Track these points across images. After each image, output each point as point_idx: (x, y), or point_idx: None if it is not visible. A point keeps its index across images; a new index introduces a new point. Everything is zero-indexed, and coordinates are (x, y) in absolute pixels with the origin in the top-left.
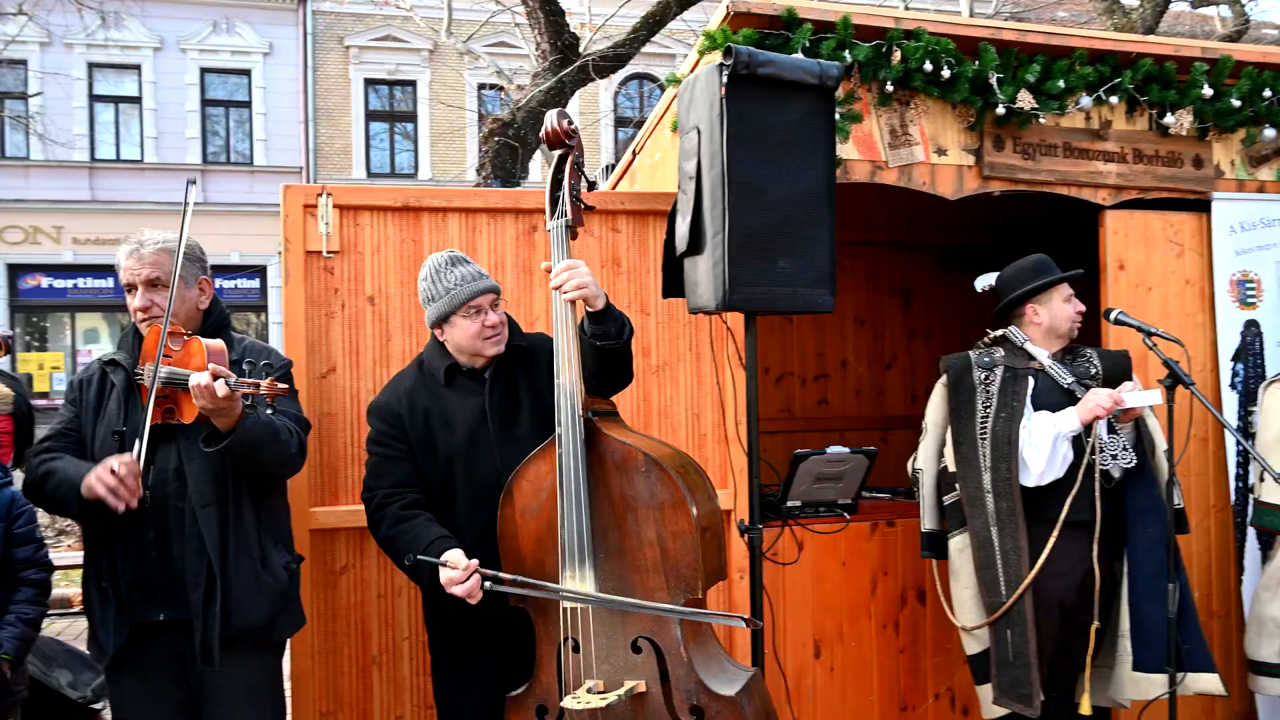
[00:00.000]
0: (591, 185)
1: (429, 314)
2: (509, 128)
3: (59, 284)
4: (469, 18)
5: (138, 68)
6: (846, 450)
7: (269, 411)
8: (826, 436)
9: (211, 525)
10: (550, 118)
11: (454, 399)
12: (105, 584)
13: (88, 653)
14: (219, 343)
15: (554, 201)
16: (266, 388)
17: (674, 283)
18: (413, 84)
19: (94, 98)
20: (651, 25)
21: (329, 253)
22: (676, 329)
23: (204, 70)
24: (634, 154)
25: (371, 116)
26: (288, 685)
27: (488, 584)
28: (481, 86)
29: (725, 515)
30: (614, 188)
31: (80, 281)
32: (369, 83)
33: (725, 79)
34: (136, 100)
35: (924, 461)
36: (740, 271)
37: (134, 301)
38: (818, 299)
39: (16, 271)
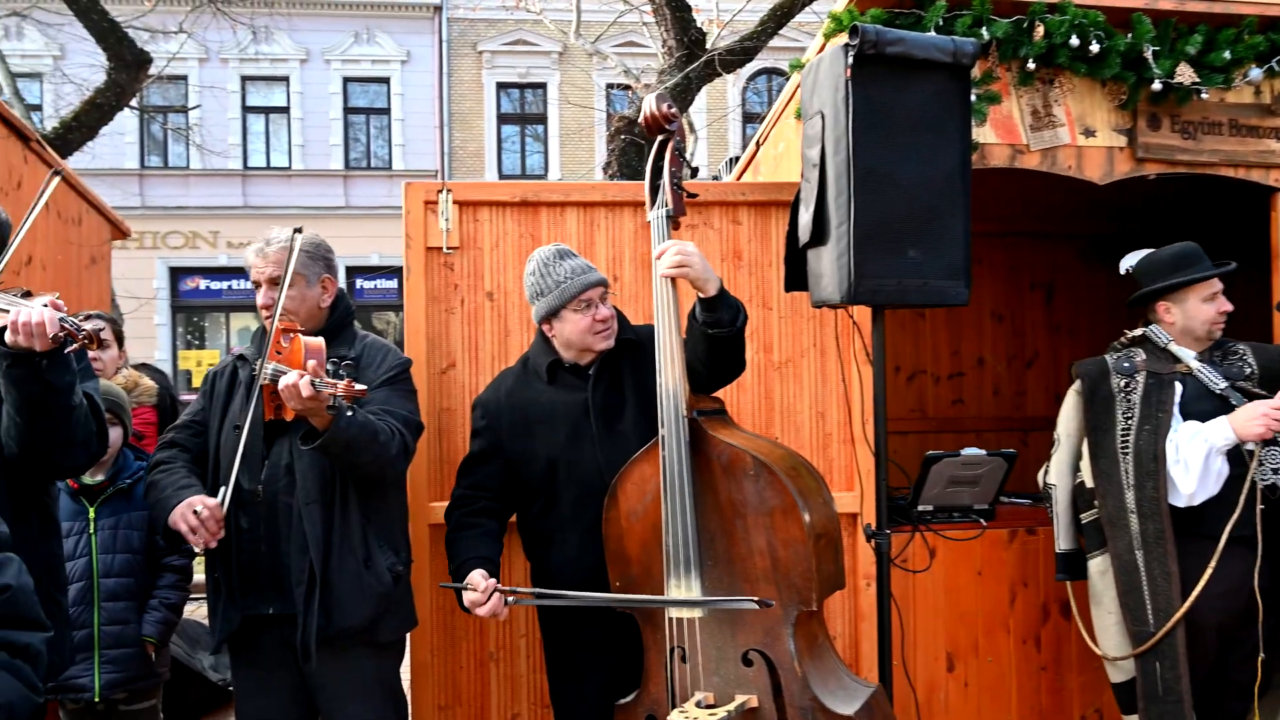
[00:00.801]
0: (694, 172)
1: (537, 309)
2: (635, 125)
3: (215, 285)
4: (597, 18)
5: (286, 79)
6: (983, 452)
7: (349, 412)
8: (961, 438)
9: (315, 523)
10: (648, 102)
11: (556, 396)
12: (217, 574)
13: None
14: (318, 341)
15: (654, 191)
16: (344, 390)
17: (797, 276)
18: (543, 86)
19: (246, 109)
20: (779, 18)
21: (449, 249)
22: (800, 324)
23: (346, 79)
24: (757, 145)
25: (503, 120)
26: (408, 679)
27: (510, 599)
28: (610, 87)
29: (851, 519)
30: (738, 180)
31: (234, 283)
32: (501, 86)
33: (851, 60)
34: (285, 110)
35: (1057, 476)
36: (867, 262)
37: (259, 298)
38: (951, 291)
39: (178, 274)
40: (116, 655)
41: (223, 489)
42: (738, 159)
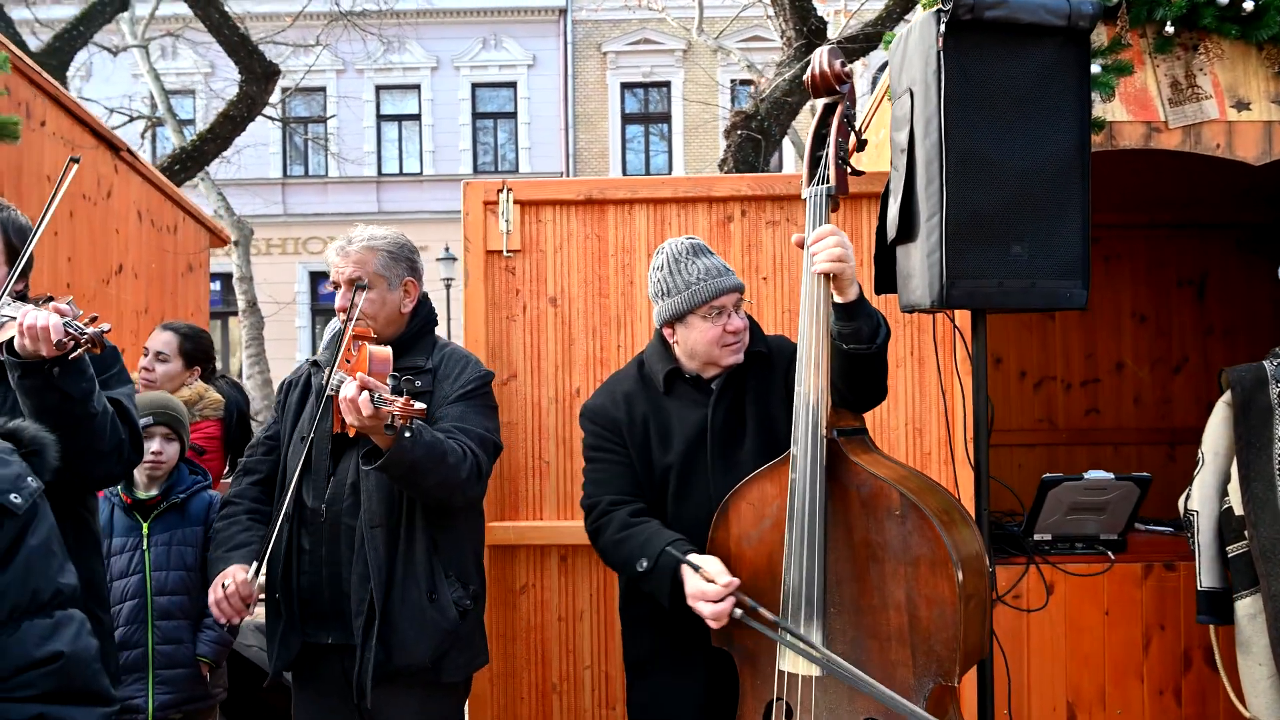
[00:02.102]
0: (862, 144)
1: (661, 309)
2: (752, 120)
3: None
4: (720, 14)
5: (417, 87)
6: (1110, 476)
7: (407, 434)
8: (1096, 451)
9: (378, 549)
10: (820, 56)
11: (673, 410)
12: (277, 595)
13: None
14: (385, 351)
15: (814, 162)
16: (400, 408)
17: (887, 276)
18: (667, 85)
19: (380, 117)
20: (906, 3)
21: (510, 251)
22: (895, 330)
23: (475, 85)
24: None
25: (627, 119)
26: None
27: (738, 612)
28: (734, 83)
29: None
30: None
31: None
32: (625, 86)
33: (943, 27)
34: (416, 117)
35: (1200, 501)
36: (962, 260)
37: (336, 300)
38: (1064, 293)
39: (317, 278)
40: (170, 675)
41: (255, 564)
42: None
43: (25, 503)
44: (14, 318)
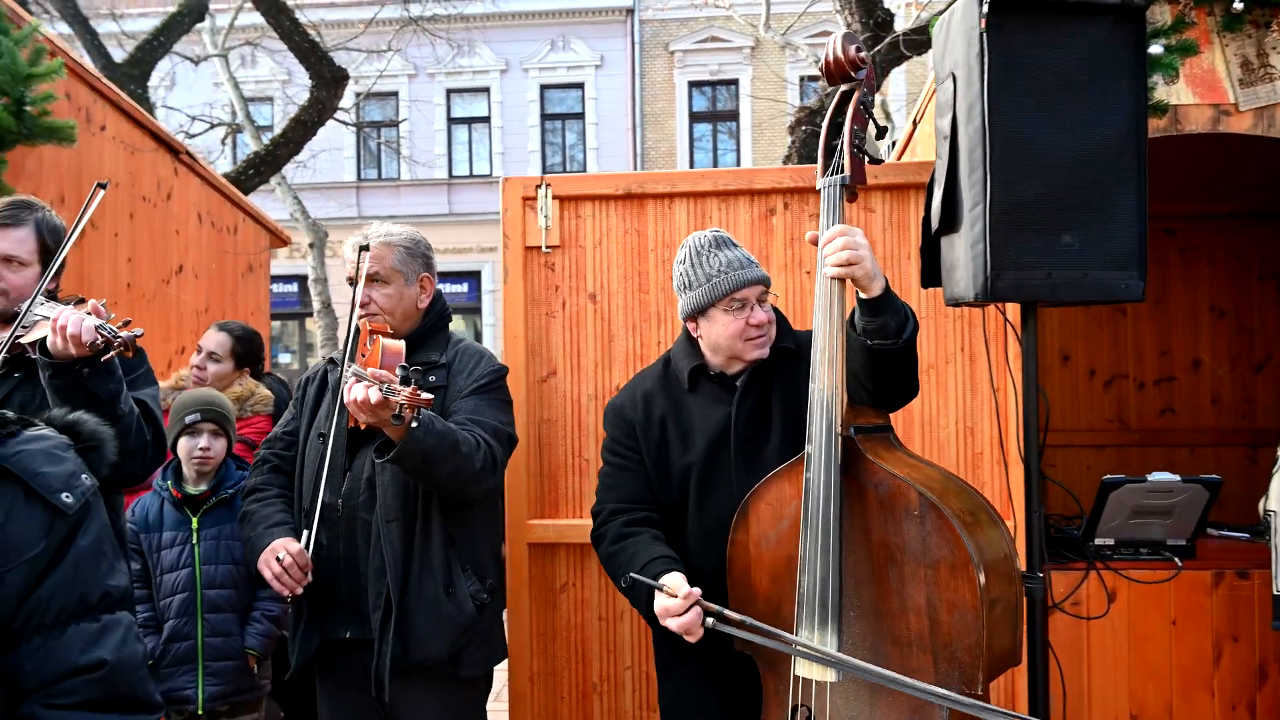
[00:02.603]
0: (881, 131)
1: (684, 303)
2: (817, 115)
3: None
4: (787, 10)
5: (487, 90)
6: (1176, 478)
7: (414, 424)
8: (1172, 453)
9: (394, 543)
10: (834, 43)
11: (696, 407)
12: (299, 591)
13: None
14: (397, 344)
15: (829, 152)
16: (406, 397)
17: (934, 268)
18: (734, 82)
19: (451, 120)
20: None
21: (548, 247)
22: (944, 325)
23: (543, 87)
24: (914, 123)
25: (695, 118)
26: (505, 707)
27: (710, 621)
28: (802, 79)
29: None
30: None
31: (440, 287)
32: (692, 85)
33: (985, 7)
34: (486, 120)
35: (1279, 502)
36: (1008, 251)
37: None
38: (1119, 284)
39: None
40: (219, 667)
41: (305, 533)
42: (895, 142)
43: (77, 502)
44: (48, 317)
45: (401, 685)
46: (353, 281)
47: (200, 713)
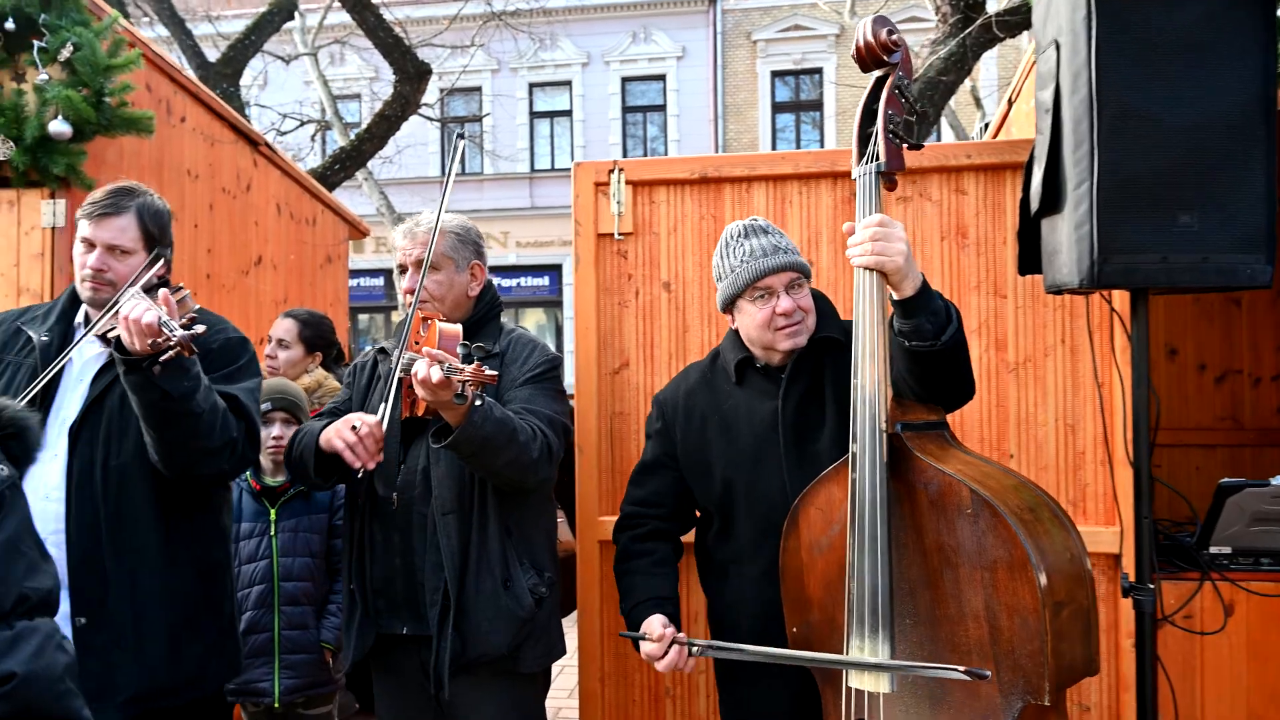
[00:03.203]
0: (919, 116)
1: (718, 295)
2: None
3: (506, 283)
4: None
5: (569, 83)
6: None
7: (479, 403)
8: None
9: (451, 536)
10: (864, 26)
11: (742, 401)
12: (354, 586)
13: None
14: (454, 328)
15: (864, 140)
16: (471, 373)
17: (1032, 254)
18: (819, 71)
19: (533, 114)
20: None
21: (621, 234)
22: (1043, 314)
23: (624, 79)
24: (1009, 103)
25: (778, 108)
26: (574, 708)
27: (694, 650)
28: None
29: (1111, 561)
30: None
31: (522, 280)
32: (775, 74)
33: None
34: (568, 113)
35: None
36: (1117, 233)
37: (403, 283)
38: (1244, 269)
39: None
40: (295, 660)
41: (383, 406)
42: (988, 124)
43: None
44: (118, 305)
45: (460, 682)
46: (403, 269)
47: (276, 705)
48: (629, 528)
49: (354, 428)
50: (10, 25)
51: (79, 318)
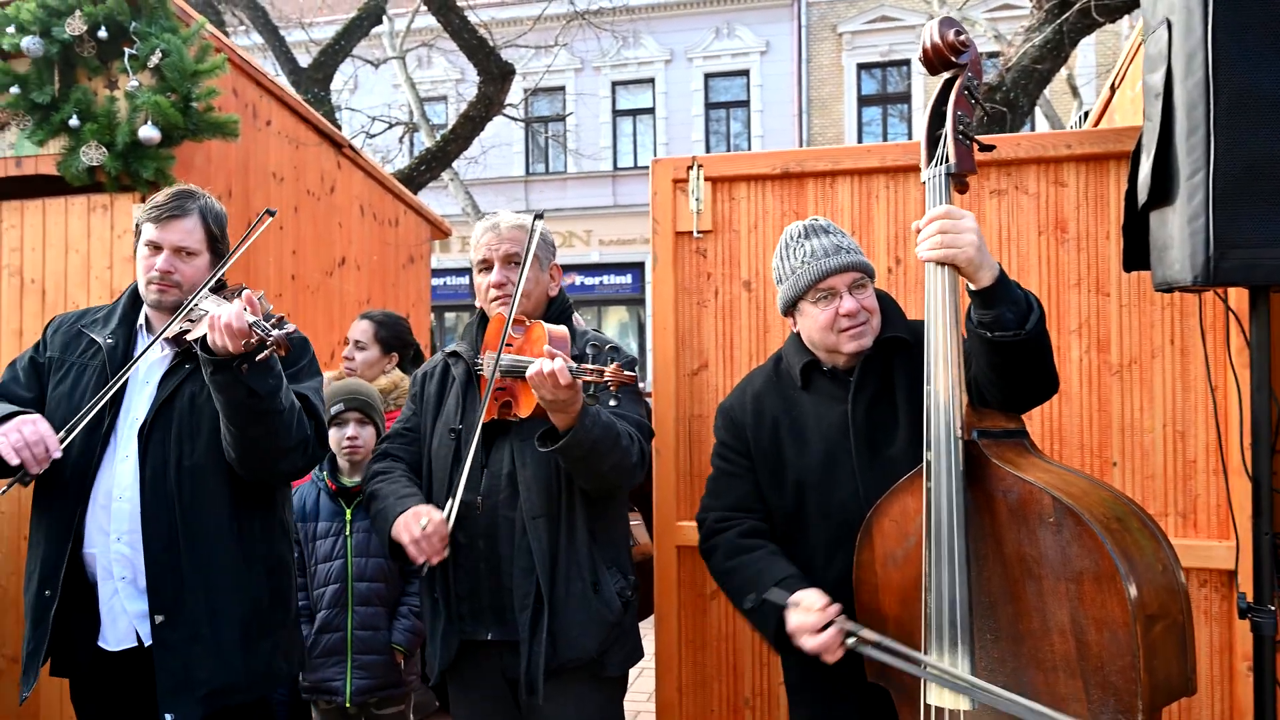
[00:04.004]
0: (987, 115)
1: (778, 298)
2: (996, 92)
3: (589, 281)
4: None
5: (651, 81)
6: None
7: (612, 404)
8: None
9: (541, 540)
10: (931, 28)
11: (810, 406)
12: (437, 594)
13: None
14: (562, 329)
15: (933, 142)
16: (612, 374)
17: (1139, 249)
18: (906, 63)
19: (616, 112)
20: None
21: (700, 232)
22: (1150, 313)
23: (707, 75)
24: (1112, 89)
25: (864, 101)
26: (652, 713)
27: (850, 641)
28: (982, 55)
29: (1226, 578)
30: None
31: (605, 279)
32: (861, 67)
33: None
34: (650, 111)
35: None
36: (1235, 225)
37: (489, 278)
38: None
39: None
40: (367, 661)
41: (450, 501)
42: (1087, 113)
43: None
44: (208, 312)
45: (547, 686)
46: (487, 265)
47: (348, 705)
48: (726, 528)
49: (422, 525)
50: (103, 33)
51: (140, 320)
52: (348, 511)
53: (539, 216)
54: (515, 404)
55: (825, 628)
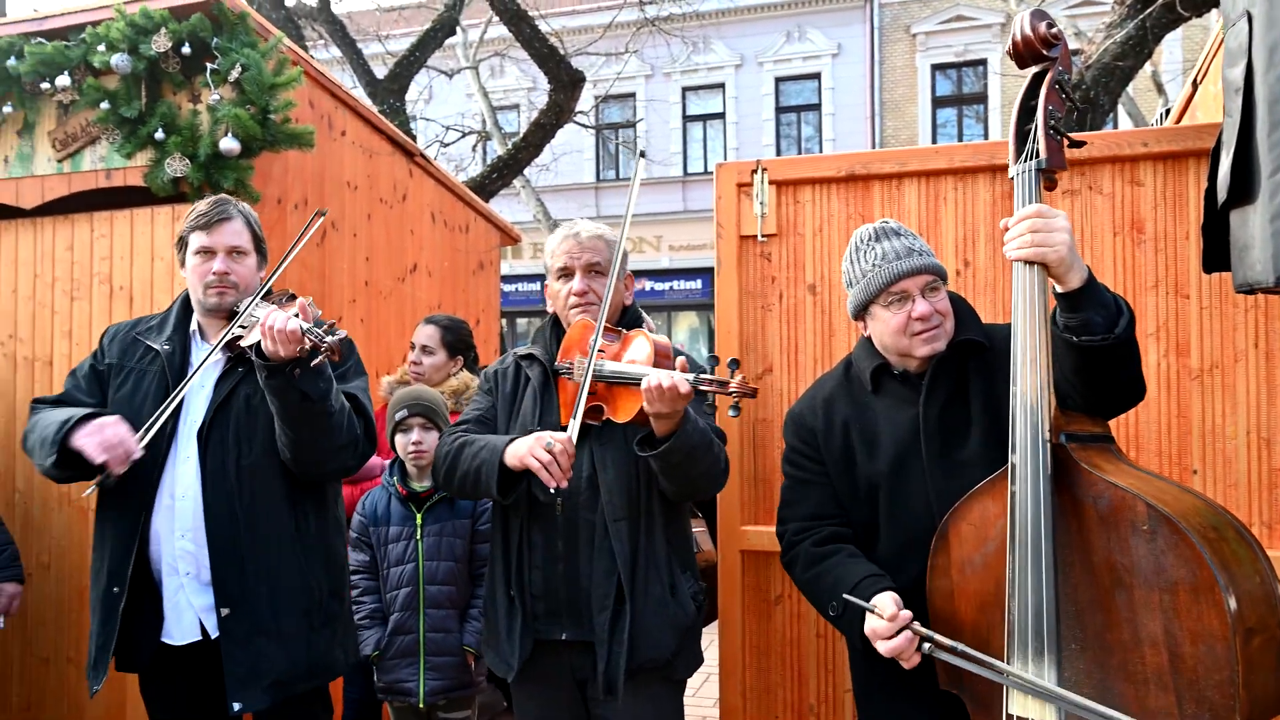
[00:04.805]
0: (1077, 111)
1: (848, 302)
2: (1076, 90)
3: (659, 286)
4: None
5: (721, 86)
6: None
7: (732, 411)
8: None
9: (623, 542)
10: (1021, 21)
11: (881, 410)
12: (513, 593)
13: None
14: (666, 339)
15: (1022, 138)
16: (738, 386)
17: (1219, 249)
18: (982, 63)
19: (686, 118)
20: None
21: (764, 236)
22: (1233, 315)
23: (778, 79)
24: (1194, 85)
25: (938, 102)
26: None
27: (926, 646)
28: None
29: None
30: None
31: (675, 284)
32: (936, 68)
33: None
34: (720, 116)
35: None
36: None
37: (570, 285)
38: None
39: None
40: (440, 663)
41: (572, 423)
42: (1169, 110)
43: None
44: (259, 319)
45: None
46: (567, 273)
47: (421, 705)
48: (805, 538)
49: (547, 446)
50: (187, 50)
51: (192, 327)
52: (418, 516)
53: (643, 154)
54: (611, 409)
55: (898, 634)
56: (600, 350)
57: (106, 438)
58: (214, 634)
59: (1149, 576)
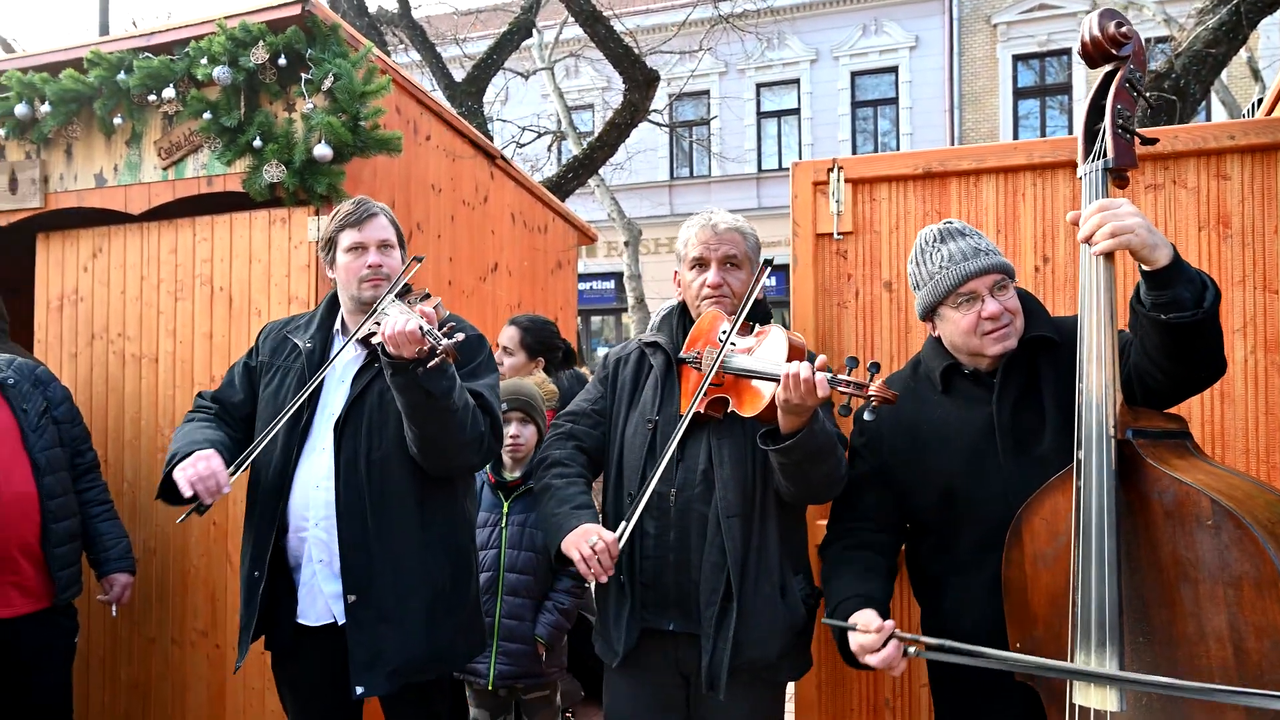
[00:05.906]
0: (1152, 108)
1: (916, 304)
2: (1165, 80)
3: None
4: None
5: (796, 81)
6: None
7: (868, 416)
8: None
9: (735, 538)
10: (1090, 21)
11: (953, 409)
12: (623, 579)
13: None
14: (800, 337)
15: (1091, 137)
16: (877, 391)
17: None
18: (1066, 52)
19: (760, 114)
20: None
21: (840, 234)
22: None
23: (854, 74)
24: None
25: (1020, 94)
26: (789, 712)
27: (911, 651)
28: (1149, 41)
29: None
30: None
31: None
32: (1017, 59)
33: None
34: (795, 112)
35: None
36: None
37: (705, 276)
38: None
39: None
40: (511, 649)
41: (624, 524)
42: (1261, 100)
43: None
44: (389, 315)
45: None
46: (701, 264)
47: (490, 687)
48: (838, 541)
49: (593, 545)
50: (282, 61)
51: (336, 324)
52: (505, 505)
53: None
54: (736, 401)
55: (885, 645)
56: (733, 343)
57: (199, 471)
58: (341, 620)
59: (1213, 571)
